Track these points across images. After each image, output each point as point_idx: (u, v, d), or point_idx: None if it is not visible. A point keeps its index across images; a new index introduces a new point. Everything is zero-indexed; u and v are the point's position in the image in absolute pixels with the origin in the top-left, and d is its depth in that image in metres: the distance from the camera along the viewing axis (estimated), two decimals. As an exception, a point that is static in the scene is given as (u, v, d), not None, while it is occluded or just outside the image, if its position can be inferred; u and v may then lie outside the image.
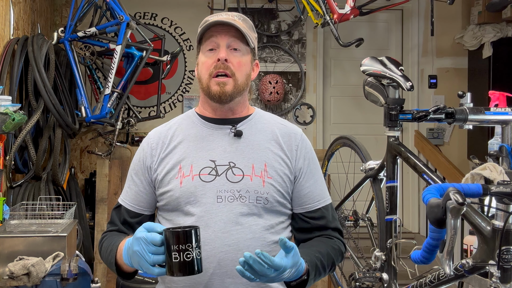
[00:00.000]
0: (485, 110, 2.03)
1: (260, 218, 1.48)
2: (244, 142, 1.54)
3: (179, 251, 1.25)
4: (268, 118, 1.63)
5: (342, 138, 2.82)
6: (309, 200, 1.57)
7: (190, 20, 5.21)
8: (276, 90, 5.08)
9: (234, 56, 1.51)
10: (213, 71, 1.50)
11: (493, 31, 4.91)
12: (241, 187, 1.48)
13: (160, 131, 1.60)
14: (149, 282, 3.08)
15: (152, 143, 1.57)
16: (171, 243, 1.25)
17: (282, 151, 1.55)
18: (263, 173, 1.50)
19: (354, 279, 2.28)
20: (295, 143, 1.57)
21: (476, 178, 1.87)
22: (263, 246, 1.46)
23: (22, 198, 3.40)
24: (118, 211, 1.59)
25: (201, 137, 1.55)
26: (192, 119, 1.60)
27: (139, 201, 1.57)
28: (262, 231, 1.47)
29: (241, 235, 1.45)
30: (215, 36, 1.51)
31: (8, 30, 3.59)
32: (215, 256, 1.44)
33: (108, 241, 1.53)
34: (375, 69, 2.22)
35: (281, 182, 1.52)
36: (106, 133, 4.47)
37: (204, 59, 1.53)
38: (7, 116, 2.76)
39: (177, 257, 1.25)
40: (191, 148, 1.53)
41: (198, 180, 1.49)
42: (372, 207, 2.55)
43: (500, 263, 1.41)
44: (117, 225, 1.58)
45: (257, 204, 1.48)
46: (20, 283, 2.45)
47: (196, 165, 1.51)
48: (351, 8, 4.07)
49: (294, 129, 1.61)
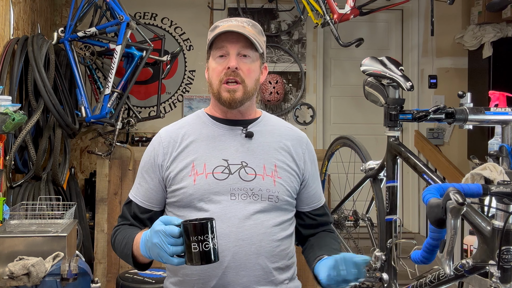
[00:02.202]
0: (485, 110, 2.03)
1: (271, 215, 1.57)
2: (255, 143, 1.62)
3: (198, 241, 1.33)
4: (274, 121, 1.72)
5: (342, 138, 2.82)
6: (316, 199, 1.71)
7: (190, 20, 5.21)
8: (276, 90, 5.08)
9: (244, 64, 1.57)
10: (224, 78, 1.56)
11: (493, 31, 4.91)
12: (254, 185, 1.56)
13: (171, 130, 1.66)
14: (149, 282, 3.08)
15: (163, 142, 1.63)
16: (190, 234, 1.34)
17: (289, 154, 1.64)
18: (274, 173, 1.59)
19: (354, 279, 2.27)
20: (302, 147, 1.68)
21: (476, 178, 1.88)
22: (273, 241, 1.56)
23: (22, 198, 3.40)
24: (129, 206, 1.66)
25: (213, 137, 1.62)
26: (202, 119, 1.67)
27: (149, 197, 1.64)
28: (272, 227, 1.56)
29: (254, 230, 1.53)
30: (225, 43, 1.57)
31: (8, 30, 3.59)
32: (229, 250, 1.51)
33: (122, 234, 1.60)
34: (375, 69, 2.22)
35: (290, 182, 1.61)
36: (106, 133, 4.46)
37: (214, 65, 1.59)
38: (7, 116, 2.76)
39: (196, 247, 1.33)
40: (203, 147, 1.60)
41: (212, 178, 1.55)
42: (372, 207, 2.55)
43: (500, 263, 1.41)
44: (129, 220, 1.65)
45: (269, 202, 1.56)
46: (20, 283, 2.45)
47: (209, 163, 1.57)
48: (351, 8, 4.07)
49: (300, 133, 1.72)
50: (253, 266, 1.52)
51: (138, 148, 4.49)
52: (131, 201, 1.67)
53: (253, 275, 1.52)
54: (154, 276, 3.12)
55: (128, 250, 1.55)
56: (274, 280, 1.56)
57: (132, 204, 1.66)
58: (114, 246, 1.64)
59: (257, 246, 1.52)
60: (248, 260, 1.51)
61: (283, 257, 1.59)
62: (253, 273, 1.52)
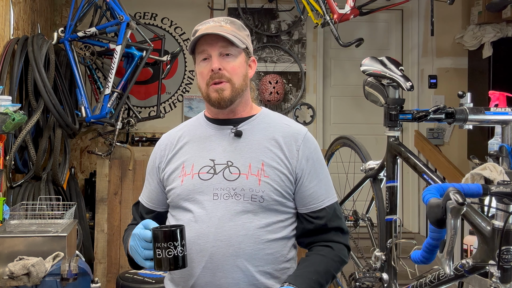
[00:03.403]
0: (485, 110, 2.03)
1: (256, 216, 1.52)
2: (243, 142, 1.59)
3: (161, 248, 1.38)
4: (273, 117, 1.67)
5: (342, 138, 2.82)
6: (314, 200, 1.59)
7: (190, 20, 5.20)
8: (276, 90, 5.08)
9: (227, 62, 1.57)
10: (210, 81, 1.57)
11: (493, 31, 4.91)
12: (237, 185, 1.53)
13: (170, 133, 1.72)
14: (149, 282, 3.08)
15: (162, 144, 1.69)
16: (156, 240, 1.39)
17: (281, 151, 1.58)
18: (260, 172, 1.54)
19: (354, 279, 2.28)
20: (297, 144, 1.59)
21: (476, 178, 1.88)
22: (256, 243, 1.51)
23: (22, 198, 3.40)
24: (137, 207, 1.75)
25: (204, 137, 1.64)
26: (199, 121, 1.70)
27: (151, 198, 1.70)
28: (256, 229, 1.51)
29: (233, 232, 1.50)
30: (205, 46, 1.58)
31: (8, 30, 3.59)
32: (207, 250, 1.51)
33: (127, 234, 1.66)
34: (375, 69, 2.22)
35: (279, 181, 1.55)
36: (106, 133, 4.46)
37: (200, 69, 1.60)
38: (7, 116, 2.76)
39: (160, 254, 1.38)
40: (194, 149, 1.63)
41: (197, 178, 1.56)
42: (372, 207, 2.55)
43: (500, 263, 1.41)
44: (137, 220, 1.71)
45: (252, 202, 1.52)
46: (20, 283, 2.45)
47: (197, 164, 1.59)
48: (351, 8, 4.07)
49: (298, 129, 1.63)
50: (231, 268, 1.49)
51: (138, 148, 4.49)
52: (138, 202, 1.75)
53: (231, 277, 1.49)
54: (154, 276, 3.12)
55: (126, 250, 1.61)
56: (258, 285, 1.50)
57: (139, 205, 1.74)
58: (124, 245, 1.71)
59: (235, 248, 1.49)
60: (225, 262, 1.49)
61: (271, 261, 1.52)
62: (231, 275, 1.49)
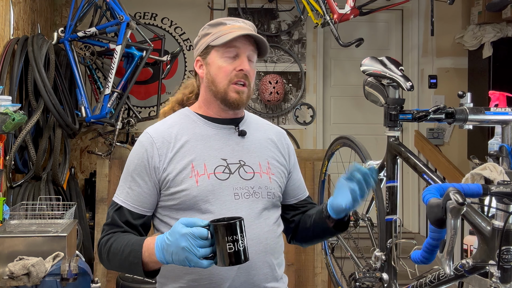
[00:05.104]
0: (485, 110, 2.03)
1: (269, 212, 1.59)
2: (248, 141, 1.63)
3: (232, 241, 1.31)
4: (255, 118, 1.74)
5: (342, 138, 2.81)
6: (300, 191, 1.74)
7: (190, 20, 5.21)
8: (276, 90, 5.08)
9: (251, 68, 1.59)
10: (234, 79, 1.55)
11: (493, 31, 4.91)
12: (254, 184, 1.57)
13: (162, 130, 1.58)
14: (149, 282, 3.08)
15: (157, 142, 1.55)
16: (225, 235, 1.31)
17: (277, 149, 1.67)
18: (268, 170, 1.61)
19: (354, 279, 2.28)
20: (285, 142, 1.72)
21: (476, 178, 1.88)
22: (275, 237, 1.58)
23: (22, 198, 3.40)
24: (119, 212, 1.55)
25: (207, 136, 1.59)
26: (192, 118, 1.62)
27: (142, 202, 1.55)
28: (273, 224, 1.59)
29: (260, 229, 1.54)
30: (239, 45, 1.55)
31: (8, 30, 3.59)
32: None
33: (120, 242, 1.49)
34: (375, 69, 2.21)
35: (280, 178, 1.64)
36: (106, 133, 4.46)
37: (223, 64, 1.56)
38: (7, 116, 2.76)
39: (231, 247, 1.31)
40: (200, 147, 1.56)
41: (214, 178, 1.53)
42: (372, 207, 2.55)
43: (500, 263, 1.41)
44: (121, 227, 1.54)
45: (268, 199, 1.58)
46: (20, 283, 2.45)
47: (209, 163, 1.55)
48: (351, 8, 4.07)
49: (279, 129, 1.76)
50: (262, 264, 1.53)
51: (138, 148, 4.48)
52: (120, 207, 1.55)
53: (262, 273, 1.53)
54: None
55: (136, 258, 1.43)
56: (277, 276, 1.58)
57: (122, 210, 1.55)
58: (108, 256, 1.51)
59: (264, 244, 1.54)
60: (258, 259, 1.51)
61: (281, 252, 1.63)
62: (262, 271, 1.53)
